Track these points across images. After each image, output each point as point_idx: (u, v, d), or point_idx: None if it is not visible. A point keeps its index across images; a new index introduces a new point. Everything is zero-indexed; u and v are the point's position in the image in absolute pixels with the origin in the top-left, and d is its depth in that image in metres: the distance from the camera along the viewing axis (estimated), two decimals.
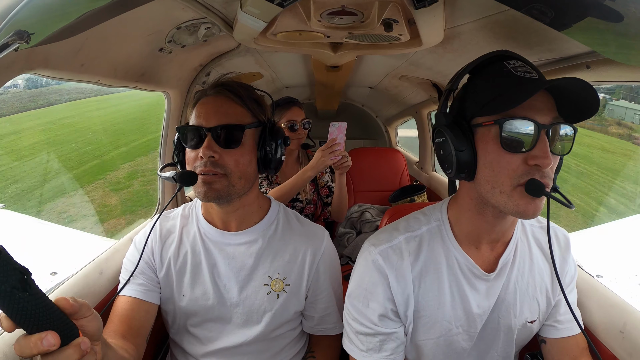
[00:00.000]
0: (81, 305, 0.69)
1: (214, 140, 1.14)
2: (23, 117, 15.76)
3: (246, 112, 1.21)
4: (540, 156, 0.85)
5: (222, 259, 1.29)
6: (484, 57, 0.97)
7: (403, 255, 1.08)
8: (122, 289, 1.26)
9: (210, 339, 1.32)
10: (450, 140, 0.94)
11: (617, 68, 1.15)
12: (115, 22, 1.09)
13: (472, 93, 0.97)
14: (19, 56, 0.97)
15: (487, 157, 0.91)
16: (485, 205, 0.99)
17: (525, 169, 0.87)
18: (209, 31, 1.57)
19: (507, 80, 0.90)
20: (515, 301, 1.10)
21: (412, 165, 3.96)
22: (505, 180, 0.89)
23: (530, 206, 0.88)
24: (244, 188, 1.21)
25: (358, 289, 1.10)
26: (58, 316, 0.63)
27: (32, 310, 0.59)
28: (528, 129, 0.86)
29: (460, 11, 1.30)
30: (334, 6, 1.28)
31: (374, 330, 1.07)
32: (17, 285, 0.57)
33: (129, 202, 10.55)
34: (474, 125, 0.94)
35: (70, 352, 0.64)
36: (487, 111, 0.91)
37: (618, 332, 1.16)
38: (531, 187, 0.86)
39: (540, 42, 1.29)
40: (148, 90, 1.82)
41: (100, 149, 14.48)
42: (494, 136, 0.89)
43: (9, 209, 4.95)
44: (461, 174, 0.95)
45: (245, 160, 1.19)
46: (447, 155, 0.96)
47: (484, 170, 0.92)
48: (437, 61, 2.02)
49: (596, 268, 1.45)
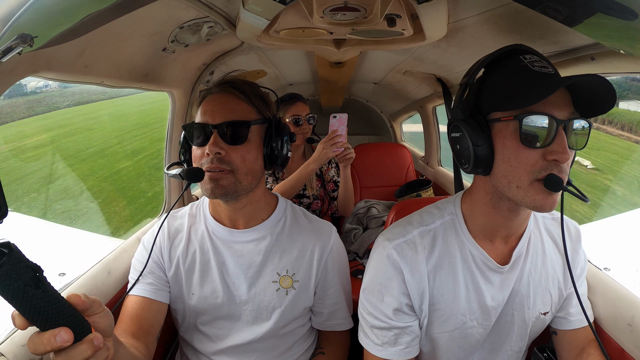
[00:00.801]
0: (93, 301, 0.70)
1: (220, 137, 1.15)
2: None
3: (251, 109, 1.22)
4: (559, 151, 0.85)
5: (231, 257, 1.29)
6: (500, 51, 0.96)
7: (417, 249, 1.08)
8: (131, 288, 1.27)
9: (220, 336, 1.32)
10: (468, 135, 0.93)
11: (622, 60, 1.14)
12: (117, 23, 1.09)
13: (489, 88, 0.96)
14: (22, 59, 0.97)
15: (504, 152, 0.91)
16: (501, 199, 0.98)
17: (543, 164, 0.87)
18: (211, 30, 1.57)
19: (525, 76, 0.90)
20: (529, 293, 1.10)
21: (418, 160, 3.95)
22: (523, 175, 0.89)
23: (547, 201, 0.88)
24: (250, 184, 1.22)
25: (373, 283, 1.10)
26: (70, 312, 0.63)
27: (45, 307, 0.59)
28: (547, 124, 0.85)
29: (463, 5, 1.29)
30: (336, 2, 1.27)
31: (388, 325, 1.07)
32: (30, 283, 0.57)
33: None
34: (491, 120, 0.94)
35: (83, 347, 0.64)
36: (506, 106, 0.90)
37: (626, 325, 1.15)
38: (550, 182, 0.86)
39: (544, 34, 1.28)
40: (152, 90, 1.82)
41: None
42: (512, 131, 0.89)
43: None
44: (478, 169, 0.95)
45: (252, 157, 1.19)
46: (464, 150, 0.96)
47: (502, 164, 0.92)
48: (441, 55, 2.01)
49: (604, 261, 1.44)
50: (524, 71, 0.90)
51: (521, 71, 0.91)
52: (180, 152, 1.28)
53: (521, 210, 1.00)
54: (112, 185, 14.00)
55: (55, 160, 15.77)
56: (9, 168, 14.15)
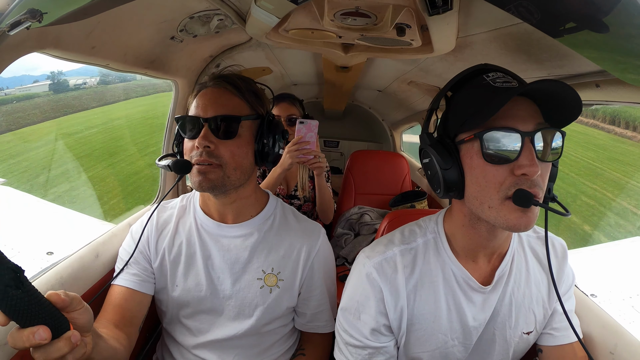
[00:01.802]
0: (72, 299, 0.72)
1: (210, 131, 1.15)
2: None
3: (244, 104, 1.22)
4: (526, 165, 0.83)
5: (217, 251, 1.29)
6: (463, 74, 0.97)
7: (397, 268, 1.07)
8: (115, 277, 1.27)
9: (201, 330, 1.32)
10: (435, 160, 0.93)
11: (627, 89, 1.14)
12: (128, 7, 1.09)
13: (452, 110, 0.97)
14: (30, 34, 0.97)
15: (472, 173, 0.90)
16: (478, 220, 0.97)
17: (512, 181, 0.85)
18: (221, 23, 1.57)
19: (485, 92, 0.90)
20: (511, 313, 1.10)
21: (415, 171, 3.95)
22: (493, 194, 0.87)
23: (522, 220, 0.86)
24: (239, 180, 1.22)
25: (350, 301, 1.10)
26: (49, 311, 0.66)
27: (25, 307, 0.62)
28: (510, 138, 0.84)
29: (473, 20, 1.29)
30: (347, 7, 1.27)
31: (363, 344, 1.07)
32: (10, 283, 0.60)
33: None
34: (458, 142, 0.93)
35: (61, 344, 0.67)
36: (468, 126, 0.89)
37: (608, 352, 1.16)
38: (519, 197, 0.84)
39: (551, 57, 1.28)
40: (156, 77, 1.82)
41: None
42: (477, 151, 0.88)
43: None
44: (450, 193, 0.95)
45: (242, 152, 1.20)
46: (433, 175, 0.96)
47: (472, 186, 0.91)
48: (447, 69, 2.01)
49: (590, 287, 1.45)
50: (484, 89, 0.90)
51: (482, 88, 0.91)
52: (173, 144, 1.29)
53: (498, 230, 0.99)
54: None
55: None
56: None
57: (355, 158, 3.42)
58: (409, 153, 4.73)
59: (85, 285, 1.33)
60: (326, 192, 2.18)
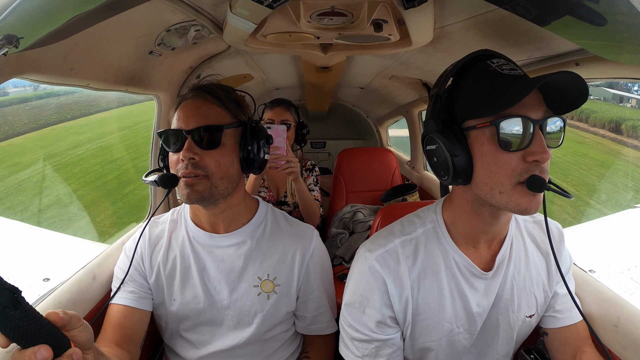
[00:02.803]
0: (71, 317, 0.72)
1: (193, 143, 1.14)
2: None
3: (225, 113, 1.21)
4: (539, 152, 0.85)
5: (211, 262, 1.29)
6: (466, 59, 0.96)
7: (400, 259, 1.07)
8: (112, 297, 1.27)
9: (203, 342, 1.32)
10: (445, 146, 0.92)
11: (606, 65, 1.16)
12: (104, 25, 1.08)
13: (460, 96, 0.95)
14: (8, 61, 0.96)
15: (483, 159, 0.90)
16: (482, 205, 0.98)
17: (524, 167, 0.87)
18: (198, 33, 1.57)
19: (496, 80, 0.90)
20: (513, 297, 1.11)
21: (404, 164, 3.97)
22: (505, 180, 0.89)
23: (532, 203, 0.88)
24: (227, 189, 1.21)
25: (354, 295, 1.10)
26: (49, 329, 0.66)
27: (24, 327, 0.62)
28: (524, 126, 0.85)
29: (449, 11, 1.31)
30: (323, 7, 1.28)
31: (369, 337, 1.07)
32: (8, 304, 0.60)
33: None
34: (465, 129, 0.93)
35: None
36: (480, 112, 0.90)
37: (612, 325, 1.17)
38: (534, 183, 0.86)
39: (529, 40, 1.30)
40: (138, 94, 1.81)
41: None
42: (489, 137, 0.89)
43: None
44: (458, 179, 0.94)
45: (227, 161, 1.19)
46: (441, 161, 0.95)
47: (481, 172, 0.91)
48: (427, 61, 2.02)
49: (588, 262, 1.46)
50: (494, 75, 0.90)
51: (491, 76, 0.91)
52: (158, 159, 1.28)
53: (502, 214, 1.00)
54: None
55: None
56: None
57: (343, 157, 3.43)
58: (396, 147, 4.76)
59: (85, 308, 1.32)
60: (307, 197, 2.15)
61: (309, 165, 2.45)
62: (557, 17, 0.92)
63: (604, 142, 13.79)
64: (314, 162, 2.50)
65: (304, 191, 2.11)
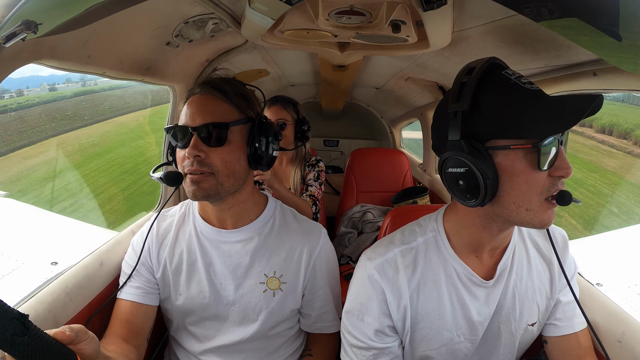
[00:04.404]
0: (77, 332, 0.76)
1: (200, 140, 1.14)
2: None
3: (232, 109, 1.20)
4: (564, 167, 0.86)
5: (218, 257, 1.29)
6: (481, 70, 0.90)
7: (399, 268, 1.07)
8: (118, 291, 1.29)
9: (207, 337, 1.33)
10: (477, 170, 0.87)
11: (625, 77, 1.14)
12: (122, 15, 1.08)
13: (484, 112, 0.88)
14: (26, 46, 0.97)
15: (514, 179, 0.87)
16: (494, 221, 0.97)
17: (550, 182, 0.87)
18: (216, 27, 1.57)
19: (523, 96, 0.86)
20: (515, 306, 1.10)
21: (416, 167, 3.95)
22: (534, 197, 0.87)
23: (552, 217, 0.89)
24: (233, 186, 1.20)
25: (353, 303, 1.10)
26: (56, 349, 0.71)
27: (33, 351, 0.66)
28: (554, 144, 0.85)
29: (468, 14, 1.29)
30: (342, 6, 1.27)
31: (368, 345, 1.07)
32: (17, 332, 0.64)
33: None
34: (492, 148, 0.88)
35: None
36: (516, 133, 0.86)
37: (616, 341, 1.16)
38: (563, 198, 0.87)
39: (548, 48, 1.28)
40: (153, 84, 1.82)
41: None
42: (522, 157, 0.86)
43: None
44: (486, 201, 0.89)
45: (233, 158, 1.18)
46: (470, 185, 0.89)
47: (511, 192, 0.88)
48: (444, 64, 2.01)
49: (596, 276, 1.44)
50: (517, 90, 0.86)
51: (515, 91, 0.86)
52: (167, 153, 1.28)
53: (510, 227, 1.00)
54: None
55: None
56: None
57: (356, 156, 3.43)
58: (409, 149, 4.74)
59: (90, 294, 1.33)
60: (287, 200, 2.05)
61: (312, 161, 2.43)
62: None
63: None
64: (319, 158, 2.47)
65: (283, 195, 2.06)
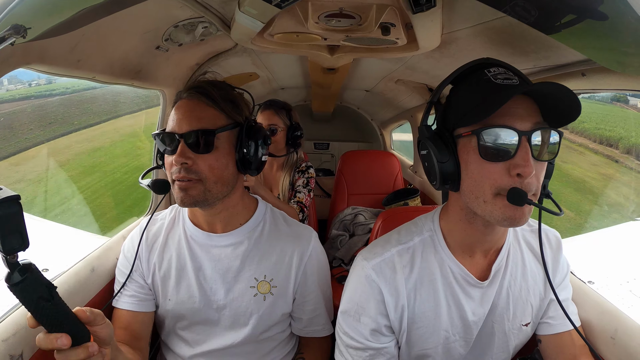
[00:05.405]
0: (95, 315, 0.82)
1: (187, 146, 1.12)
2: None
3: (219, 114, 1.18)
4: (521, 164, 0.84)
5: (208, 261, 1.28)
6: (464, 67, 0.96)
7: (396, 268, 1.07)
8: (112, 299, 1.30)
9: (198, 341, 1.32)
10: (433, 152, 0.94)
11: (613, 76, 1.16)
12: (112, 19, 1.08)
13: (452, 103, 0.97)
14: (15, 50, 0.96)
15: (469, 168, 0.91)
16: (474, 214, 0.98)
17: (507, 178, 0.86)
18: (206, 30, 1.57)
19: (486, 88, 0.90)
20: (508, 306, 1.11)
21: (407, 168, 3.97)
22: (487, 190, 0.89)
23: (515, 216, 0.87)
24: (221, 192, 1.19)
25: (350, 303, 1.10)
26: (74, 322, 0.78)
27: (52, 317, 0.74)
28: (507, 136, 0.85)
29: (457, 16, 1.31)
30: (331, 9, 1.28)
31: (364, 345, 1.07)
32: (43, 296, 0.72)
33: None
34: (456, 136, 0.94)
35: (79, 351, 0.78)
36: (467, 121, 0.90)
37: (609, 337, 1.17)
38: (513, 196, 0.85)
39: (537, 49, 1.30)
40: (143, 88, 1.82)
41: None
42: (474, 146, 0.89)
43: None
44: (445, 185, 0.95)
45: (220, 164, 1.16)
46: (431, 167, 0.97)
47: (467, 180, 0.92)
48: (434, 66, 2.02)
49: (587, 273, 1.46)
50: (485, 84, 0.90)
51: (483, 85, 0.91)
52: (157, 157, 1.27)
53: (495, 225, 1.00)
54: None
55: None
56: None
57: (346, 159, 3.43)
58: (400, 151, 4.76)
59: (83, 299, 1.32)
60: (274, 204, 2.08)
61: (303, 167, 2.42)
62: (558, 17, 0.92)
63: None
64: (310, 164, 2.47)
65: (269, 202, 2.03)
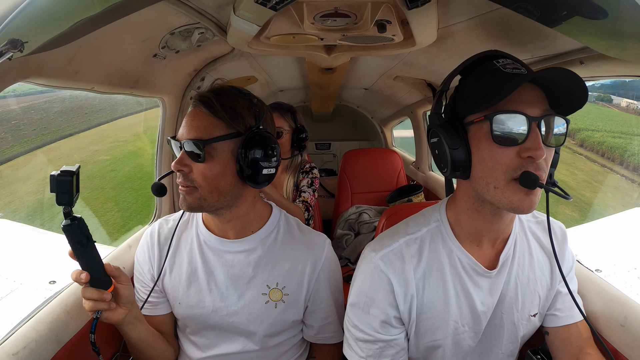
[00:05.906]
0: (121, 273, 1.09)
1: (186, 154, 1.13)
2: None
3: (219, 124, 1.15)
4: (533, 148, 0.85)
5: (221, 267, 1.27)
6: (474, 58, 0.98)
7: (405, 258, 1.07)
8: (141, 307, 1.30)
9: (208, 345, 1.32)
10: (444, 140, 0.94)
11: (611, 63, 1.15)
12: (108, 29, 1.08)
13: (462, 92, 0.98)
14: (12, 65, 0.96)
15: (480, 154, 0.92)
16: (483, 202, 0.99)
17: (518, 163, 0.88)
18: (202, 36, 1.57)
19: (495, 77, 0.91)
20: (517, 296, 1.11)
21: (409, 165, 3.96)
22: (500, 175, 0.89)
23: (525, 201, 0.88)
24: (219, 202, 1.17)
25: (359, 295, 1.10)
26: (99, 269, 1.03)
27: (83, 259, 1.00)
28: (518, 121, 0.86)
29: (453, 10, 1.30)
30: (326, 8, 1.28)
31: (374, 337, 1.07)
32: (81, 242, 0.98)
33: None
34: (466, 124, 0.95)
35: (92, 290, 1.02)
36: (478, 108, 0.91)
37: (619, 325, 1.16)
38: (525, 179, 0.86)
39: (533, 39, 1.29)
40: (143, 97, 1.82)
41: None
42: (486, 132, 0.90)
43: None
44: (456, 172, 0.96)
45: (215, 174, 1.14)
46: (442, 154, 0.97)
47: (478, 166, 0.93)
48: (431, 61, 2.02)
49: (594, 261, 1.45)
50: (494, 73, 0.91)
51: (492, 73, 0.92)
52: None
53: (504, 213, 1.00)
54: None
55: None
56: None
57: (348, 158, 3.43)
58: (401, 148, 4.75)
59: None
60: (279, 205, 1.98)
61: (307, 168, 2.41)
62: (560, 16, 0.93)
63: None
64: (313, 165, 2.46)
65: (275, 199, 2.02)
